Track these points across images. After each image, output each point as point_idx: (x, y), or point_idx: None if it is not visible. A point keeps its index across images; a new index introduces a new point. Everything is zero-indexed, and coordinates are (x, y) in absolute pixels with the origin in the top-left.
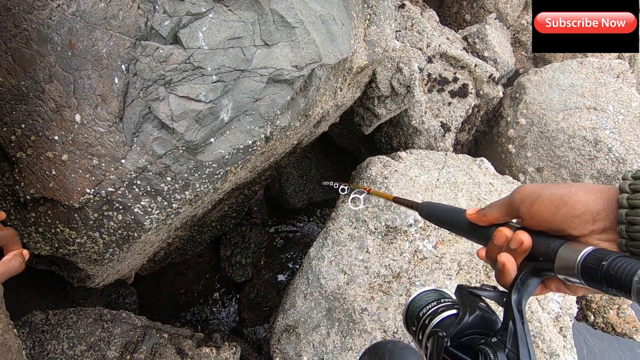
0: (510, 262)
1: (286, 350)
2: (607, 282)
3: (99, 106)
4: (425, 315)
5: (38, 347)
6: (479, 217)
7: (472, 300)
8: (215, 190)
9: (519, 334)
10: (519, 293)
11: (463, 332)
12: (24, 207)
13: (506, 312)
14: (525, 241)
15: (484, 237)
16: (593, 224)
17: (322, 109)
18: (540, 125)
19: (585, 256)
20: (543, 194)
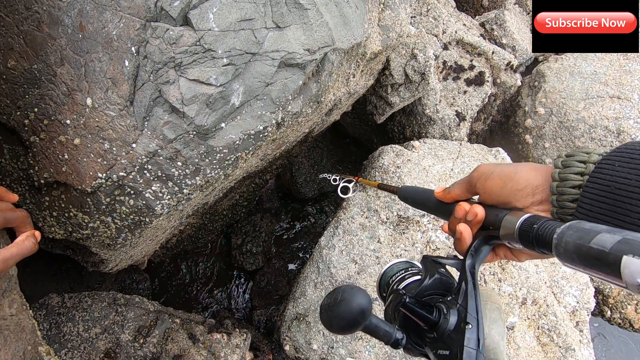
0: (466, 232)
1: (296, 338)
2: (537, 243)
3: (110, 89)
4: (394, 281)
5: (54, 328)
6: (444, 195)
7: (433, 267)
8: (226, 176)
9: (469, 292)
10: (472, 258)
11: (423, 292)
12: (39, 191)
13: (460, 275)
14: (479, 213)
15: (449, 213)
16: (533, 197)
17: (335, 95)
18: (560, 115)
19: (522, 222)
20: (495, 171)
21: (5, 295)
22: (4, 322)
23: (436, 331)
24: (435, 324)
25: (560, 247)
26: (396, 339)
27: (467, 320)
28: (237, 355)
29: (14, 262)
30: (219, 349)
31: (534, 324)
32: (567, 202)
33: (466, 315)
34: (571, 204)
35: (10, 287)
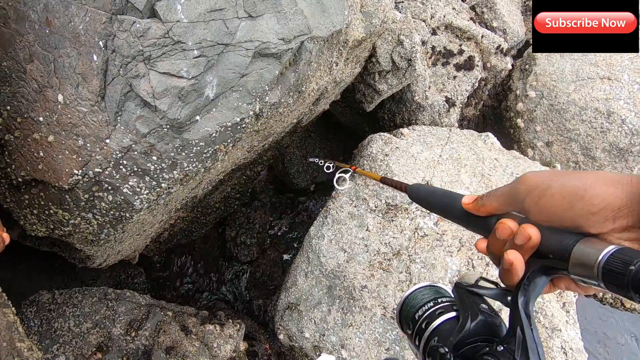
0: (518, 262)
1: (289, 327)
2: (635, 289)
3: (80, 85)
4: (422, 318)
5: (45, 324)
6: (477, 207)
7: (472, 302)
8: (207, 170)
9: (529, 342)
10: (527, 294)
11: (464, 340)
12: (18, 190)
13: (512, 317)
14: (533, 236)
15: (482, 228)
16: (614, 222)
17: (317, 84)
18: (551, 98)
19: (608, 257)
20: (553, 185)
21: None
22: None
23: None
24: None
25: None
26: None
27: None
28: (231, 345)
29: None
30: (211, 340)
31: None
32: None
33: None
34: None
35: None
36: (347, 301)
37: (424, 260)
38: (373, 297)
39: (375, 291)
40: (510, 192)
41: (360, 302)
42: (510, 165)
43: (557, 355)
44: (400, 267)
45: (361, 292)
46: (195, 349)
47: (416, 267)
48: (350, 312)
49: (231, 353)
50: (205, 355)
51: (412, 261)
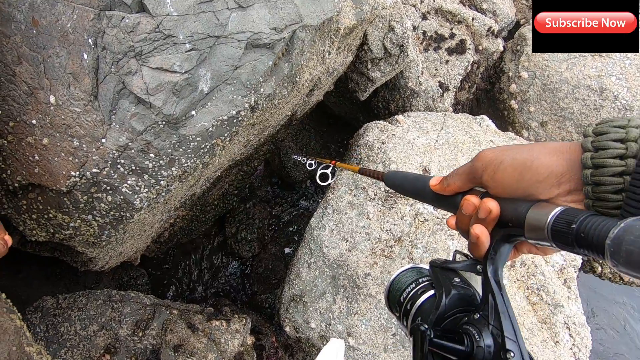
0: (484, 234)
1: (295, 318)
2: (578, 244)
3: (72, 85)
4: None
5: (51, 330)
6: (443, 187)
7: (445, 279)
8: (205, 165)
9: (500, 307)
10: (494, 263)
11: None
12: (15, 195)
13: (484, 286)
14: (493, 209)
15: (451, 206)
16: (558, 187)
17: (311, 74)
18: (543, 78)
19: (554, 219)
20: (505, 160)
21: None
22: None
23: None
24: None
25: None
26: None
27: (507, 348)
28: (238, 340)
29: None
30: (219, 336)
31: (523, 285)
32: (609, 194)
33: (504, 341)
34: (614, 195)
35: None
36: (352, 290)
37: (425, 245)
38: (377, 284)
39: (379, 278)
40: (469, 170)
41: (364, 289)
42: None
43: (560, 330)
44: (403, 253)
45: (365, 280)
46: (203, 346)
47: (418, 252)
48: (355, 300)
49: (239, 347)
50: (214, 351)
51: (414, 247)
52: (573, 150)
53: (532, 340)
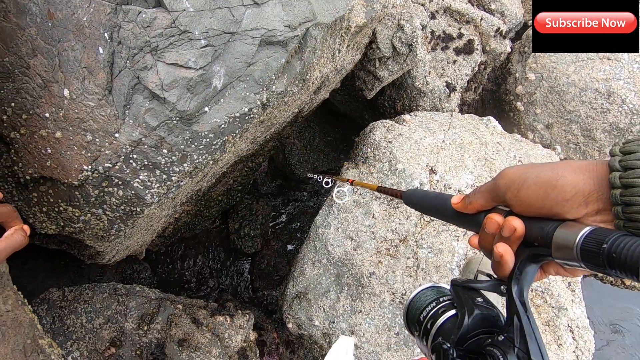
0: (508, 254)
1: (298, 315)
2: (610, 265)
3: (87, 79)
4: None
5: (58, 322)
6: (465, 206)
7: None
8: (215, 161)
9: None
10: (519, 283)
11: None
12: (25, 188)
13: (509, 306)
14: (518, 227)
15: (473, 224)
16: (586, 207)
17: (321, 72)
18: (550, 80)
19: (584, 238)
20: (529, 178)
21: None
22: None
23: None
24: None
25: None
26: None
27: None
28: (241, 335)
29: (5, 256)
30: (222, 331)
31: None
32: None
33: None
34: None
35: (3, 284)
36: (356, 288)
37: (430, 245)
38: (381, 284)
39: (384, 277)
40: (492, 188)
41: (368, 288)
42: (513, 148)
43: (564, 333)
44: (408, 252)
45: (369, 278)
46: (207, 340)
47: (423, 252)
48: (359, 298)
49: (242, 343)
50: (217, 346)
51: (419, 247)
52: (600, 169)
53: None
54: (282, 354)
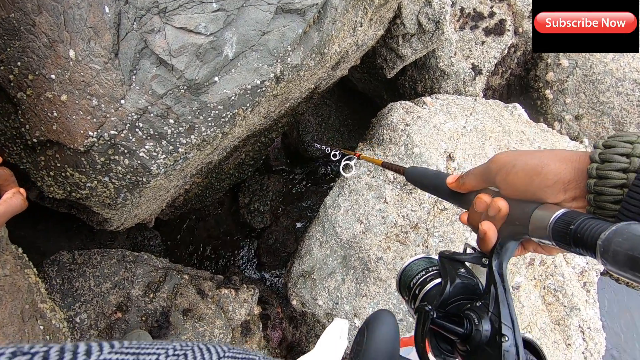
0: (491, 230)
1: (302, 294)
2: (575, 244)
3: (92, 40)
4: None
5: (67, 283)
6: (458, 185)
7: (451, 269)
8: (225, 135)
9: (500, 297)
10: (499, 257)
11: (447, 301)
12: (33, 151)
13: (488, 277)
14: (502, 208)
15: (465, 203)
16: (564, 193)
17: (340, 46)
18: (585, 68)
19: (556, 219)
20: (517, 164)
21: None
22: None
23: (469, 344)
24: (468, 336)
25: (608, 255)
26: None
27: (502, 332)
28: (245, 309)
29: (4, 220)
30: (227, 304)
31: (540, 284)
32: (608, 204)
33: (501, 326)
34: (613, 205)
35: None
36: (362, 272)
37: (442, 234)
38: (388, 269)
39: (391, 263)
40: (484, 171)
41: (375, 273)
42: (538, 139)
43: (574, 333)
44: (418, 240)
45: (377, 263)
46: (211, 312)
47: (434, 240)
48: (364, 282)
49: (245, 317)
50: (221, 318)
51: (430, 235)
52: (582, 160)
53: (544, 341)
54: (285, 328)
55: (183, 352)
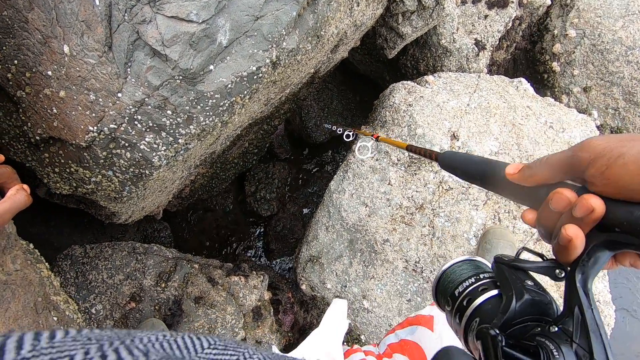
0: (579, 238)
1: (311, 278)
2: None
3: (85, 34)
4: (462, 295)
5: (81, 277)
6: (524, 178)
7: (516, 279)
8: (224, 124)
9: (589, 323)
10: (585, 271)
11: (511, 321)
12: (37, 148)
13: (568, 295)
14: (597, 208)
15: (530, 198)
16: None
17: (337, 28)
18: (593, 37)
19: None
20: (626, 153)
21: (6, 252)
22: (10, 278)
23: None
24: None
25: None
26: None
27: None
28: (255, 295)
29: (9, 217)
30: (237, 290)
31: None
32: None
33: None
34: None
35: (11, 244)
36: (369, 254)
37: (448, 214)
38: (395, 251)
39: (397, 245)
40: (568, 160)
41: (382, 255)
42: (544, 113)
43: None
44: (424, 221)
45: (383, 245)
46: (222, 299)
47: (440, 220)
48: (372, 264)
49: (256, 302)
50: (232, 305)
51: (435, 215)
52: None
53: None
54: (296, 312)
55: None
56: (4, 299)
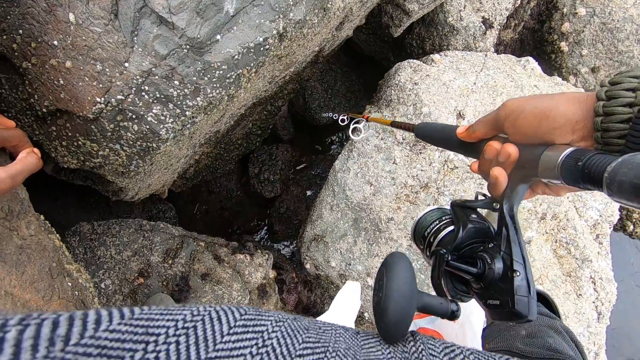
0: (502, 175)
1: (315, 257)
2: (583, 180)
3: (91, 1)
4: (429, 234)
5: (89, 252)
6: (469, 134)
7: (463, 215)
8: (230, 97)
9: (511, 237)
10: (510, 201)
11: (461, 245)
12: (44, 121)
13: (499, 220)
14: (512, 153)
15: (475, 152)
16: (573, 134)
17: (344, 2)
18: (604, 15)
19: (565, 158)
20: (526, 108)
21: (21, 217)
22: (25, 242)
23: (483, 282)
24: (481, 275)
25: (614, 186)
26: (452, 312)
27: (514, 268)
28: (261, 273)
29: (22, 179)
30: (243, 268)
31: (551, 238)
32: (615, 139)
33: (512, 263)
34: (619, 140)
35: (25, 210)
36: (373, 233)
37: (453, 192)
38: (399, 229)
39: (402, 223)
40: (494, 118)
41: (386, 233)
42: (552, 92)
43: (585, 284)
44: (428, 199)
45: (387, 224)
46: (228, 276)
47: (445, 199)
48: (376, 243)
49: (261, 280)
50: (238, 281)
51: (440, 194)
52: (589, 100)
53: (555, 292)
54: (300, 292)
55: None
56: (20, 263)
